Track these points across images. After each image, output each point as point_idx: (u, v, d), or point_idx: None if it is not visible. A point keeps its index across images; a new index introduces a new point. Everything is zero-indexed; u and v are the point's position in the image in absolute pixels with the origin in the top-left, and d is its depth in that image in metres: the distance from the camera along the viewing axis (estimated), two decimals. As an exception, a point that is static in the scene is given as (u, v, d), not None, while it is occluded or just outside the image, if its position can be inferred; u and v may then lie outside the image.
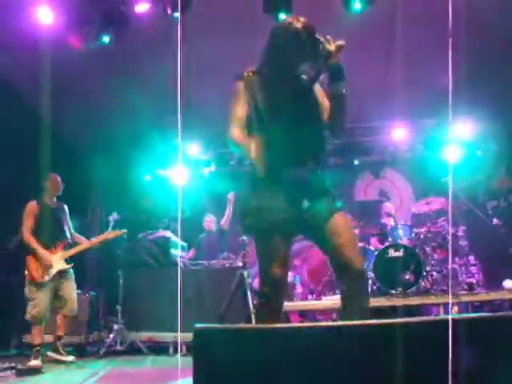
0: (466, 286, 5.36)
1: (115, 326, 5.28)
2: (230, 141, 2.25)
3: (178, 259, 6.02)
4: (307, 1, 4.47)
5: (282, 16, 4.74)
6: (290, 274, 6.36)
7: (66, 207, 4.99)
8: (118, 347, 5.22)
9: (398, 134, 7.57)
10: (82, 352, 5.31)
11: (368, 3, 4.63)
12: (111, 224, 5.27)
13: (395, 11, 4.76)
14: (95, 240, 5.09)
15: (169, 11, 4.80)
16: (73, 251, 4.83)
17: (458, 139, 7.54)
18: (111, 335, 5.24)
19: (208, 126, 7.58)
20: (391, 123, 7.54)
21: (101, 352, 5.05)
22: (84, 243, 4.97)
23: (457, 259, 5.59)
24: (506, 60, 5.70)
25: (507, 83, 6.05)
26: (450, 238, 5.70)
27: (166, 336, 5.29)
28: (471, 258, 5.72)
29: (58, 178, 4.91)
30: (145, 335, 5.40)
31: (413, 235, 5.87)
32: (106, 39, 5.06)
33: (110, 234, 5.07)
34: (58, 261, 4.63)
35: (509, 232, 6.25)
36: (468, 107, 6.44)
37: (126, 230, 5.23)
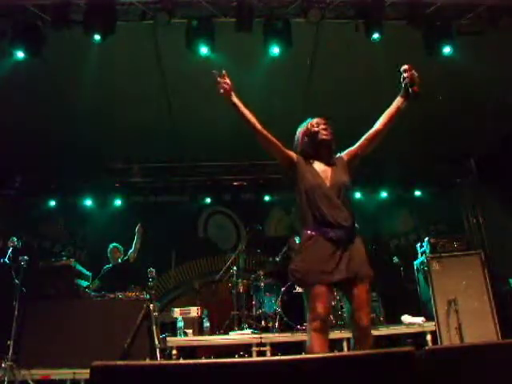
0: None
1: (3, 364, 4.81)
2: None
3: (82, 290, 5.70)
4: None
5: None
6: (199, 309, 6.22)
7: None
8: (6, 388, 4.75)
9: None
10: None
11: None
12: (10, 250, 4.87)
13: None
14: None
15: (90, 33, 4.67)
16: None
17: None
18: (-2, 374, 4.76)
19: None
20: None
21: (-16, 393, 4.57)
22: None
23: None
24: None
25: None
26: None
27: (63, 373, 4.91)
28: (373, 294, 6.06)
29: None
30: (39, 373, 4.97)
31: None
32: (20, 54, 4.78)
33: None
34: None
35: (408, 269, 6.71)
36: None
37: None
